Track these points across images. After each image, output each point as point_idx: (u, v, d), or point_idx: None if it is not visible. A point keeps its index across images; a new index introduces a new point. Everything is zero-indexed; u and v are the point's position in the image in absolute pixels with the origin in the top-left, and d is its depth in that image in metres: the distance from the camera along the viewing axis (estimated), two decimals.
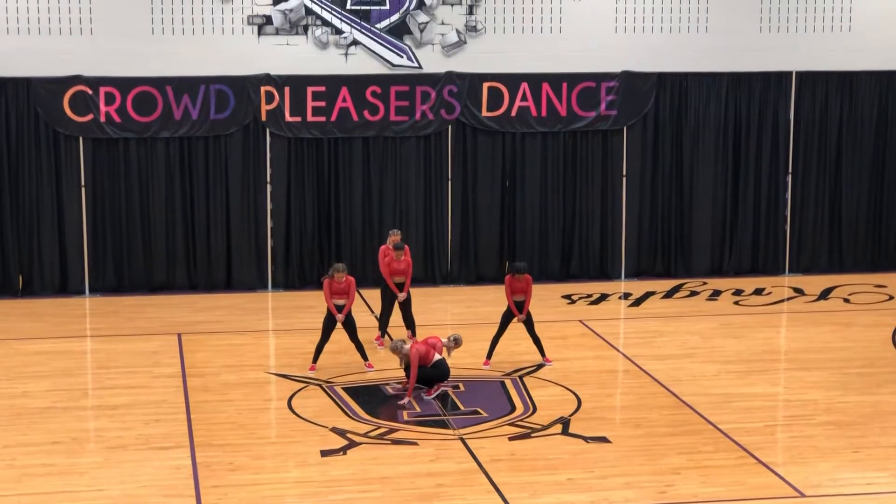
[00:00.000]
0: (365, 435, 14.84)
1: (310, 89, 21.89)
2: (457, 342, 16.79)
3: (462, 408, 15.89)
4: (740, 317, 20.65)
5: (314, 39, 21.95)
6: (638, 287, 22.71)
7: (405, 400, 15.99)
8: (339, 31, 21.98)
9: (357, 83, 22.01)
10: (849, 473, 13.73)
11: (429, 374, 16.19)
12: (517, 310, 17.51)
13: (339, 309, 17.23)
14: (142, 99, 21.53)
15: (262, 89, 21.80)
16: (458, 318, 20.86)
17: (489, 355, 17.67)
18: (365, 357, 17.51)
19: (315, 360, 17.41)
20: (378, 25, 22.05)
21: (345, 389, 16.59)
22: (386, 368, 17.39)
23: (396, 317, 18.59)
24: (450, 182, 22.68)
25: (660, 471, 13.73)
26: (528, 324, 17.65)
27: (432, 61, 22.26)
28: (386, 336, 18.60)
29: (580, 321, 20.25)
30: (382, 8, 22.01)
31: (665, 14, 22.74)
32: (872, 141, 23.54)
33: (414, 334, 18.41)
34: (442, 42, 22.26)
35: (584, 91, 22.57)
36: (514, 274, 17.52)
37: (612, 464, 13.96)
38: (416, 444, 14.58)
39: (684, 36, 22.83)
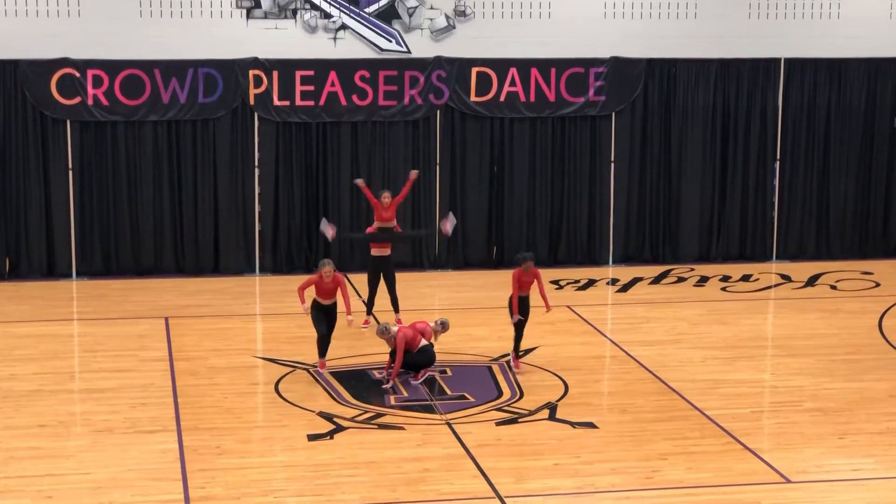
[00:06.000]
0: (352, 419, 14.85)
1: (298, 73, 21.85)
2: (444, 326, 16.76)
3: (449, 392, 15.90)
4: (727, 303, 20.67)
5: (303, 23, 21.90)
6: (625, 273, 22.73)
7: (389, 383, 15.99)
8: (327, 16, 21.93)
9: (346, 68, 21.97)
10: (835, 459, 13.77)
11: (415, 359, 16.18)
12: (518, 308, 16.47)
13: (325, 308, 16.46)
14: (130, 82, 21.47)
15: (251, 73, 21.76)
16: (446, 303, 20.87)
17: (517, 353, 16.84)
18: (323, 354, 16.68)
19: (322, 355, 16.66)
20: (367, 10, 22.00)
21: (332, 374, 16.58)
22: (372, 353, 17.38)
23: (384, 301, 18.58)
24: (438, 167, 22.67)
25: (646, 456, 13.76)
26: (521, 324, 16.73)
27: (421, 46, 22.23)
28: (371, 317, 18.62)
29: (568, 306, 20.26)
30: None
31: (654, 0, 22.72)
32: (860, 128, 23.55)
33: (396, 311, 18.45)
34: (431, 27, 22.22)
35: (572, 77, 22.55)
36: (523, 267, 16.42)
37: (599, 449, 13.98)
38: (402, 428, 14.59)
39: (673, 22, 22.82)
